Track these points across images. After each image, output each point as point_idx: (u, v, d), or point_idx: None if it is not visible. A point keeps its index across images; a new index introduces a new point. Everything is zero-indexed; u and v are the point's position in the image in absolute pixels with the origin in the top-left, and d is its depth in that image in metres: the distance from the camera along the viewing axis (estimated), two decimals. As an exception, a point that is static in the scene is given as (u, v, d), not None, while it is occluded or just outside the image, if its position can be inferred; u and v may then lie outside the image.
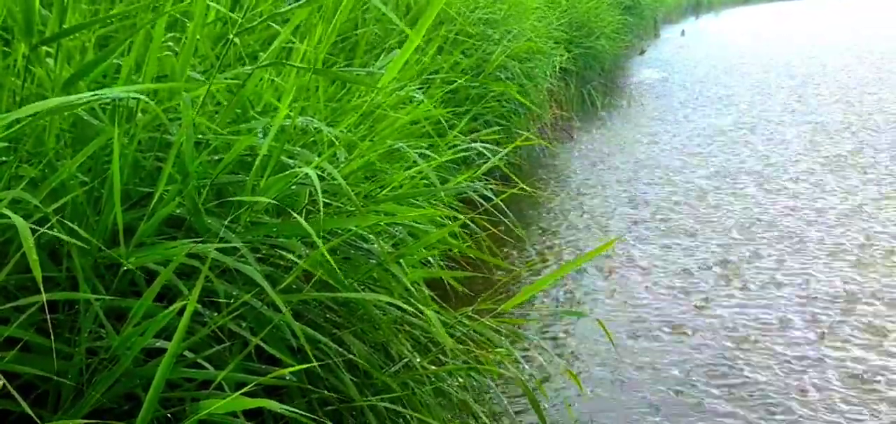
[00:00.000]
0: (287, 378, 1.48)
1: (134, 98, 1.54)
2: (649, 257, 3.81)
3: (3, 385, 1.05)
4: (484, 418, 1.89)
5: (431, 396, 1.75)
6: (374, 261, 1.76)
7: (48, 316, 1.21)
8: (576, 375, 2.37)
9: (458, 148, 2.38)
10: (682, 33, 16.24)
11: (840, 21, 17.23)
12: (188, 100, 1.52)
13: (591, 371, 2.67)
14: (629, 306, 3.23)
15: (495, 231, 2.35)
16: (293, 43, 2.08)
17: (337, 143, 1.82)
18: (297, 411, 1.31)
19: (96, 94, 1.36)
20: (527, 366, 2.50)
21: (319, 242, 1.39)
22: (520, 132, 4.39)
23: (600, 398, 2.51)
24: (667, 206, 4.66)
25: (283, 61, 1.80)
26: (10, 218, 1.16)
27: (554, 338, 2.90)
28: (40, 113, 1.35)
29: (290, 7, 1.71)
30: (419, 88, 2.70)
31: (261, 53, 2.08)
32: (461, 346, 1.87)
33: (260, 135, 1.71)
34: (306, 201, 1.70)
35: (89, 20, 1.65)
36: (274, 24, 2.09)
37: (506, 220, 2.43)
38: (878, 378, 2.59)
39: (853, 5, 21.29)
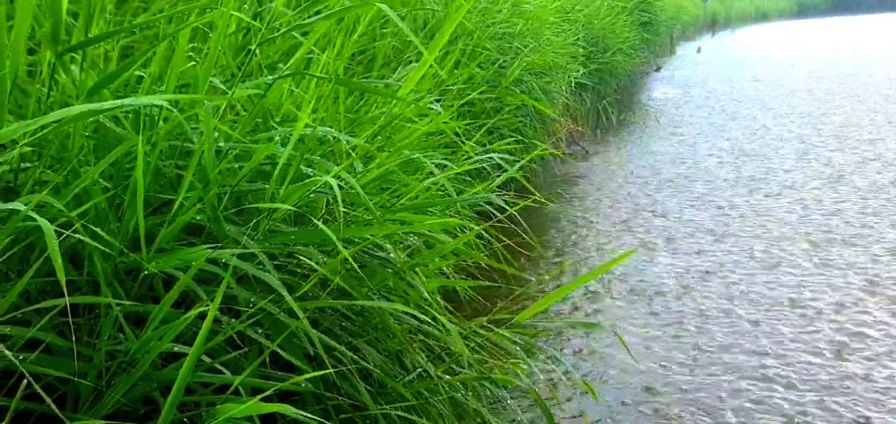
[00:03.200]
0: (302, 384, 1.49)
1: (156, 106, 1.57)
2: (662, 268, 3.80)
3: (28, 383, 1.07)
4: (497, 429, 1.89)
5: (446, 406, 1.75)
6: (390, 270, 1.77)
7: (71, 319, 1.23)
8: (590, 385, 2.36)
9: (474, 159, 2.39)
10: (699, 50, 16.23)
11: (856, 40, 17.12)
12: (210, 108, 1.55)
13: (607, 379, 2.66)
14: (640, 320, 3.22)
15: (510, 242, 2.35)
16: (314, 52, 2.11)
17: (354, 154, 1.84)
18: (312, 416, 1.32)
19: (120, 102, 1.38)
20: (541, 377, 2.50)
21: (342, 248, 1.40)
22: (535, 144, 4.40)
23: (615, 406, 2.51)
24: (679, 222, 4.65)
25: (304, 72, 1.83)
26: (34, 221, 1.18)
27: (570, 349, 2.90)
28: (65, 120, 1.37)
29: (311, 19, 1.73)
30: (436, 100, 2.72)
31: (281, 64, 2.10)
32: (476, 356, 1.87)
33: (279, 144, 1.73)
34: (324, 210, 1.71)
35: (114, 29, 1.68)
36: (296, 36, 2.12)
37: (520, 232, 2.43)
38: None
39: (868, 25, 21.17)
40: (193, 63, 1.76)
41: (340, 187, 1.62)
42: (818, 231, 4.41)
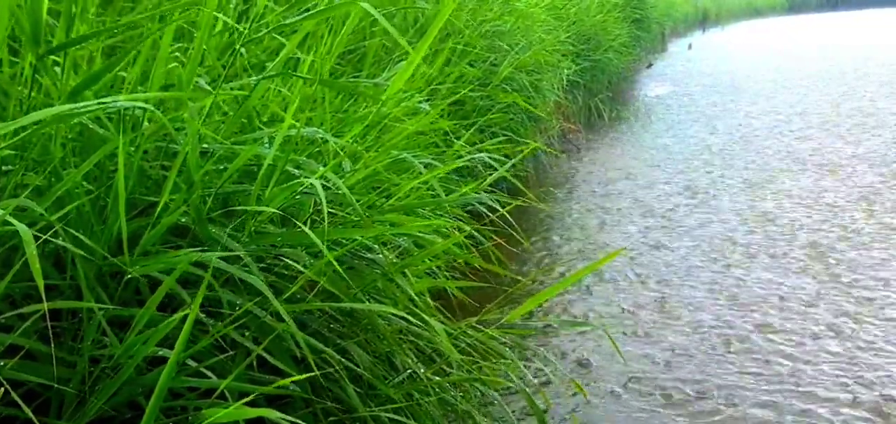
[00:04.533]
0: (290, 387, 1.47)
1: (140, 107, 1.55)
2: (655, 265, 3.80)
3: (5, 391, 1.05)
4: (488, 430, 1.88)
5: (435, 407, 1.74)
6: (378, 271, 1.76)
7: (49, 324, 1.21)
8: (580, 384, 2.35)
9: (464, 158, 2.38)
10: (690, 47, 16.25)
11: (845, 37, 17.18)
12: (194, 109, 1.53)
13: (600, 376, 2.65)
14: (633, 314, 3.22)
15: (501, 241, 2.34)
16: (299, 57, 2.09)
17: (342, 154, 1.82)
18: (299, 422, 1.31)
19: (102, 103, 1.36)
20: (532, 378, 2.49)
21: (327, 252, 1.39)
22: (527, 142, 4.39)
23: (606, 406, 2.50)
24: (671, 217, 4.65)
25: (290, 72, 1.81)
26: (14, 225, 1.16)
27: (559, 348, 2.89)
28: (46, 121, 1.35)
29: (297, 18, 1.72)
30: (425, 99, 2.71)
31: (267, 64, 2.08)
32: (466, 357, 1.86)
33: (265, 144, 1.72)
34: (311, 211, 1.70)
35: (96, 30, 1.66)
36: (279, 37, 2.10)
37: (512, 231, 2.42)
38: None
39: (857, 20, 21.26)
40: (178, 64, 1.74)
41: (327, 188, 1.60)
42: (809, 229, 4.41)
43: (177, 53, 1.84)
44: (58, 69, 1.59)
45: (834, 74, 11.12)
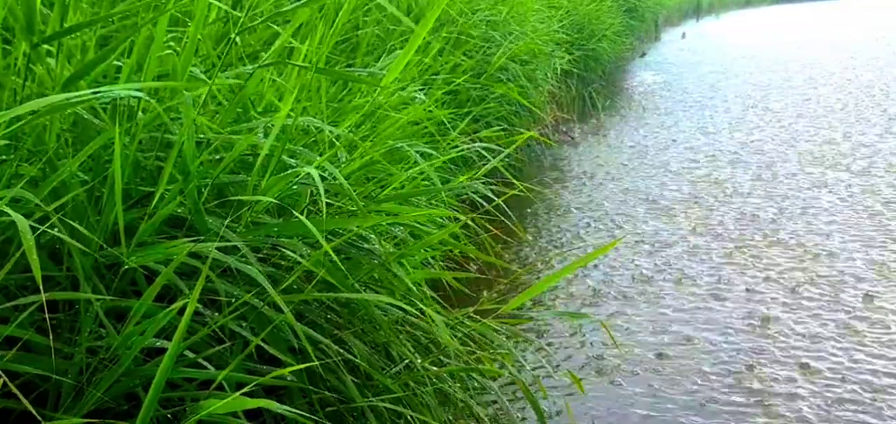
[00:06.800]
0: (288, 378, 1.47)
1: (135, 97, 1.54)
2: (649, 256, 3.81)
3: (4, 383, 1.05)
4: (485, 419, 1.88)
5: (432, 397, 1.74)
6: (375, 262, 1.75)
7: (47, 316, 1.20)
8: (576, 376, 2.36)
9: (460, 148, 2.38)
10: (683, 36, 16.23)
11: (837, 27, 17.23)
12: (189, 99, 1.52)
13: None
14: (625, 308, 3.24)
15: (497, 232, 2.34)
16: (293, 44, 2.08)
17: (338, 143, 1.82)
18: (297, 411, 1.31)
19: (97, 92, 1.35)
20: (528, 367, 2.50)
21: (324, 242, 1.38)
22: (521, 132, 4.39)
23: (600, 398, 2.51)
24: (666, 207, 4.66)
25: (285, 61, 1.80)
26: (10, 216, 1.15)
27: (556, 338, 2.90)
28: (40, 111, 1.34)
29: (292, 7, 1.70)
30: (420, 89, 2.70)
31: (262, 53, 2.07)
32: (463, 347, 1.86)
33: (261, 134, 1.71)
34: (307, 201, 1.69)
35: (90, 19, 1.64)
36: (274, 26, 2.09)
37: (507, 221, 2.42)
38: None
39: (854, 7, 21.33)
40: (172, 52, 1.73)
41: (324, 178, 1.60)
42: (797, 216, 4.43)
43: (171, 43, 1.83)
44: (51, 59, 1.58)
45: (825, 62, 11.15)
